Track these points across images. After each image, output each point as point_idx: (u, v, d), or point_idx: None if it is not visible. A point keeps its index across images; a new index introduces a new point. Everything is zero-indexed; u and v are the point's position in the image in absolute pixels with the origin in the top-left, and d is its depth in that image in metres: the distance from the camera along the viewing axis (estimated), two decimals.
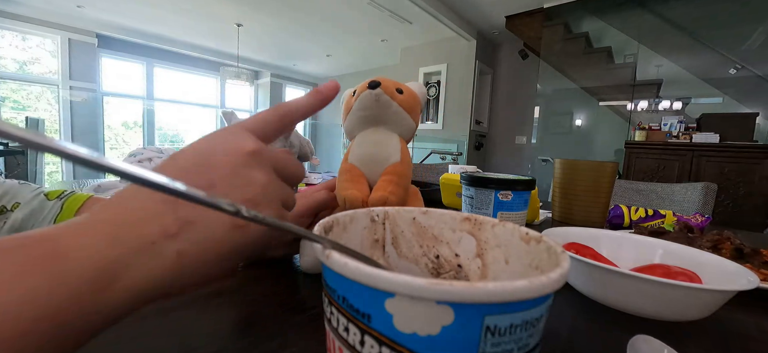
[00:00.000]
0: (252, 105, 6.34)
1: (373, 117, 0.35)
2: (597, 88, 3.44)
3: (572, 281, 0.34)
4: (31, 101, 4.35)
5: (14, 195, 0.28)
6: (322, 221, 0.18)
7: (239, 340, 0.23)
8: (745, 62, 2.86)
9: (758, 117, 2.58)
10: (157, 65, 5.17)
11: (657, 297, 0.28)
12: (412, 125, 0.37)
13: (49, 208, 0.28)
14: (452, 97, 4.19)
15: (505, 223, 0.20)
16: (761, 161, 2.36)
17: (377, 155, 0.35)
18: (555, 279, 0.12)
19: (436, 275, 0.23)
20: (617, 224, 0.70)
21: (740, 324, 0.30)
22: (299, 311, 0.28)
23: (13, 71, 4.13)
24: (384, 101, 0.34)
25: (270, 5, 3.58)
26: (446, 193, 0.82)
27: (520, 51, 3.98)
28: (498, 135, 4.45)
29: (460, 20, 3.64)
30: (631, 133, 3.03)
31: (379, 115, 0.35)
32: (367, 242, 0.22)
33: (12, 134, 0.09)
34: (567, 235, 0.41)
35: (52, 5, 3.80)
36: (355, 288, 0.12)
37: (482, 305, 0.11)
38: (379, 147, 0.35)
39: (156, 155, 0.65)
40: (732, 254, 0.42)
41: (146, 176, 0.11)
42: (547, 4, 3.28)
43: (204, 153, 0.19)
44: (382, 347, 0.12)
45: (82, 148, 0.10)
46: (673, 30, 3.08)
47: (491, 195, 0.47)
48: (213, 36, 4.69)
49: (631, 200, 1.05)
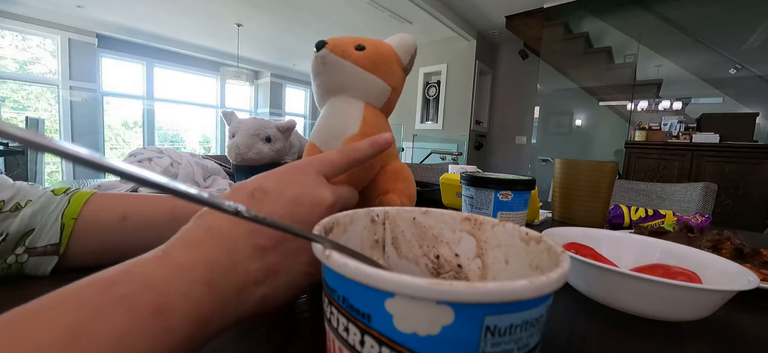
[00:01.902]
0: (252, 105, 6.34)
1: (327, 83, 0.30)
2: (597, 88, 3.44)
3: (572, 281, 0.34)
4: (31, 101, 4.35)
5: (25, 194, 0.29)
6: (322, 222, 0.18)
7: (239, 340, 0.23)
8: (745, 62, 2.86)
9: (758, 117, 2.58)
10: (157, 65, 5.17)
11: (657, 297, 0.28)
12: (379, 87, 0.30)
13: (57, 202, 0.29)
14: (452, 97, 4.19)
15: (505, 223, 0.20)
16: (761, 161, 2.36)
17: (333, 128, 0.29)
18: (555, 279, 0.12)
19: (436, 275, 0.23)
20: (617, 224, 0.70)
21: (740, 324, 0.30)
22: (299, 311, 0.28)
23: (13, 71, 4.13)
24: (332, 61, 0.28)
25: (270, 5, 3.58)
26: (446, 193, 0.82)
27: (520, 51, 3.98)
28: (498, 135, 4.45)
29: (460, 20, 3.65)
30: (631, 133, 3.03)
31: (333, 80, 0.29)
32: (367, 243, 0.22)
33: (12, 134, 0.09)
34: (567, 235, 0.41)
35: (52, 5, 3.80)
36: (355, 288, 0.12)
37: (482, 305, 0.11)
38: (335, 118, 0.29)
39: (156, 155, 0.65)
40: (732, 254, 0.42)
41: (146, 176, 0.11)
42: (547, 4, 3.28)
43: (291, 202, 0.20)
44: (382, 347, 0.12)
45: (82, 148, 0.10)
46: (673, 30, 3.08)
47: (491, 195, 0.47)
48: (213, 36, 4.69)
49: (631, 200, 1.05)
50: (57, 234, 0.28)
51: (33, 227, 0.27)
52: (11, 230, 0.26)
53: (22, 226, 0.27)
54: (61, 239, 0.28)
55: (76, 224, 0.28)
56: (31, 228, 0.27)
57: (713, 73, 3.03)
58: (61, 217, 0.28)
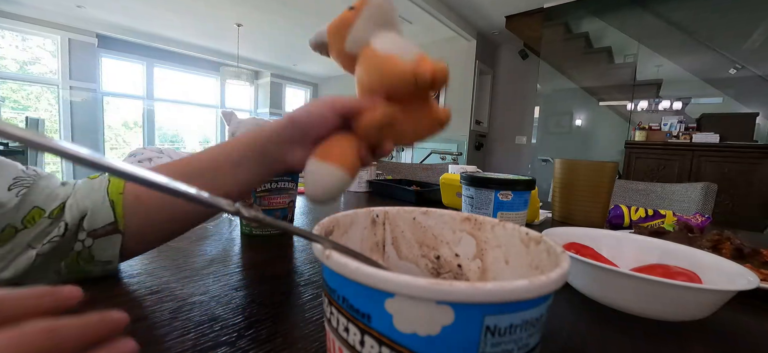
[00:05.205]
0: (252, 105, 6.34)
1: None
2: (597, 88, 3.44)
3: (572, 281, 0.34)
4: (31, 101, 4.35)
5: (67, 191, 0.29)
6: (322, 222, 0.18)
7: (239, 340, 0.23)
8: (745, 62, 2.86)
9: (758, 117, 2.57)
10: (157, 65, 5.17)
11: (657, 297, 0.28)
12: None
13: (99, 183, 0.29)
14: (452, 97, 4.18)
15: (505, 223, 0.20)
16: (761, 161, 2.36)
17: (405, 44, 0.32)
18: (555, 278, 0.12)
19: (436, 275, 0.23)
20: (617, 224, 0.70)
21: (740, 324, 0.30)
22: (299, 311, 0.28)
23: (14, 71, 4.13)
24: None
25: (270, 5, 3.58)
26: (446, 193, 0.82)
27: (520, 51, 3.98)
28: (498, 135, 4.45)
29: (460, 20, 3.64)
30: (631, 133, 3.03)
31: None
32: (368, 244, 0.22)
33: (12, 134, 0.09)
34: (567, 235, 0.41)
35: (52, 5, 3.79)
36: (355, 288, 0.12)
37: (482, 305, 0.11)
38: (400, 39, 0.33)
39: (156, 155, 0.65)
40: (732, 254, 0.42)
41: (146, 176, 0.11)
42: (547, 4, 3.28)
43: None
44: (382, 347, 0.12)
45: (82, 148, 0.10)
46: (673, 30, 3.08)
47: (491, 195, 0.47)
48: (213, 36, 4.69)
49: (631, 200, 1.05)
50: (110, 213, 0.28)
51: (85, 211, 0.28)
52: (68, 219, 0.27)
53: (76, 212, 0.27)
54: (116, 217, 0.28)
55: (124, 198, 0.29)
56: (84, 212, 0.28)
57: (713, 73, 3.03)
58: (107, 195, 0.28)
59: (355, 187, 1.00)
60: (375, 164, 1.05)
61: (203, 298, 0.29)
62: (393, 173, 1.45)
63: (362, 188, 1.01)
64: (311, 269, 0.37)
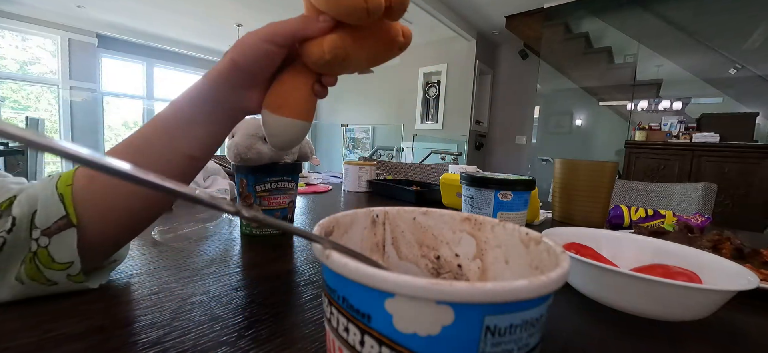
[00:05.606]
0: None
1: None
2: (597, 88, 3.44)
3: (572, 281, 0.34)
4: (31, 101, 4.35)
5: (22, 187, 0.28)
6: (322, 223, 0.18)
7: (239, 340, 0.23)
8: (745, 62, 2.86)
9: (758, 117, 2.58)
10: (157, 65, 5.17)
11: (657, 297, 0.28)
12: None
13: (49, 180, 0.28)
14: (452, 97, 4.18)
15: (505, 223, 0.20)
16: (761, 161, 2.36)
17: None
18: (555, 278, 0.12)
19: (436, 275, 0.23)
20: (617, 224, 0.70)
21: (740, 324, 0.30)
22: (299, 311, 0.28)
23: (14, 71, 4.13)
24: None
25: (270, 5, 3.58)
26: (446, 193, 0.82)
27: (520, 51, 3.98)
28: (498, 135, 4.45)
29: (460, 20, 3.64)
30: (631, 133, 3.03)
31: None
32: (368, 244, 0.22)
33: (12, 133, 0.09)
34: (567, 235, 0.41)
35: (52, 5, 3.80)
36: (355, 288, 0.12)
37: (482, 305, 0.11)
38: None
39: None
40: (732, 254, 0.42)
41: (146, 177, 0.11)
42: (547, 4, 3.28)
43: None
44: (382, 347, 0.12)
45: (82, 148, 0.10)
46: (673, 30, 3.08)
47: (491, 195, 0.47)
48: (213, 36, 4.69)
49: (631, 200, 1.05)
50: (60, 206, 0.26)
51: (35, 207, 0.26)
52: (16, 214, 0.26)
53: (26, 207, 0.26)
54: (67, 209, 0.26)
55: (73, 190, 0.27)
56: (34, 208, 0.26)
57: (713, 73, 3.03)
58: (55, 188, 0.27)
59: (355, 187, 1.00)
60: (375, 163, 1.05)
61: (203, 298, 0.29)
62: (393, 173, 1.45)
63: (362, 188, 1.01)
64: (311, 269, 0.37)
